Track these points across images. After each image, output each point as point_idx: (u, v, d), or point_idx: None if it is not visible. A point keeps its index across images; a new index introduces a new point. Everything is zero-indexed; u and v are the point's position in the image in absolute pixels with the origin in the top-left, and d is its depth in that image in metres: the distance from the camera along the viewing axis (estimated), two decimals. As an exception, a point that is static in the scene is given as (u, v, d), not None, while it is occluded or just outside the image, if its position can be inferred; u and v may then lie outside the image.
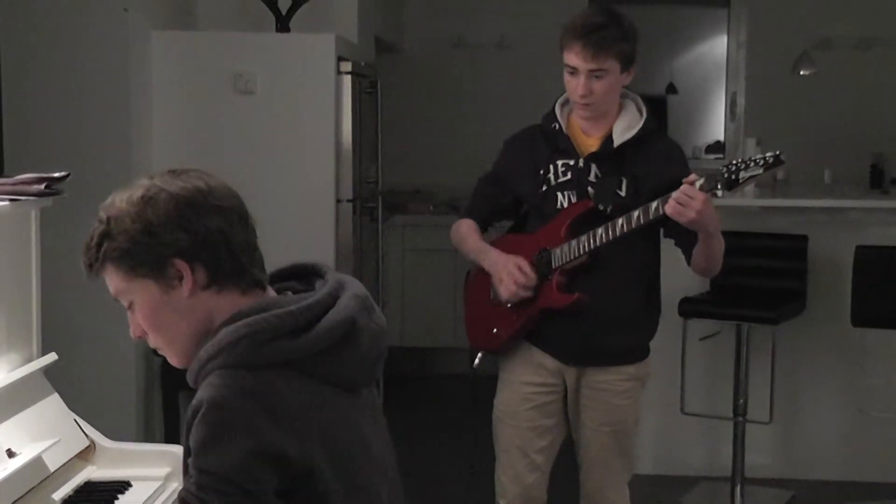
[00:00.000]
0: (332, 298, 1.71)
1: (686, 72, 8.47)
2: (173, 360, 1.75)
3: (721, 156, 7.38)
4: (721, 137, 7.61)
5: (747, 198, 4.73)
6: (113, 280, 1.70)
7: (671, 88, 8.49)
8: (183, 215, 1.66)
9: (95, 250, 1.68)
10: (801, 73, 6.81)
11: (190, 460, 1.60)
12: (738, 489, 4.54)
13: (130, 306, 1.71)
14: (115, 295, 1.72)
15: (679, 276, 3.11)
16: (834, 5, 6.90)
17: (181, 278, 1.67)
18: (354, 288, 1.75)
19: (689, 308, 4.43)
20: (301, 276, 1.82)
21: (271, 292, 1.75)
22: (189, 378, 1.69)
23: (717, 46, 7.77)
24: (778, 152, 2.67)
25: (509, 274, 2.89)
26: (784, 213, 4.76)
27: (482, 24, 6.98)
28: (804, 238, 4.61)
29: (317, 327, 1.66)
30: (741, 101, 7.18)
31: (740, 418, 4.52)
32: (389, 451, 1.84)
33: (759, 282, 4.56)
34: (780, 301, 4.45)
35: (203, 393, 1.61)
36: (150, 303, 1.69)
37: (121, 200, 1.68)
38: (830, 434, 4.81)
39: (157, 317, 1.70)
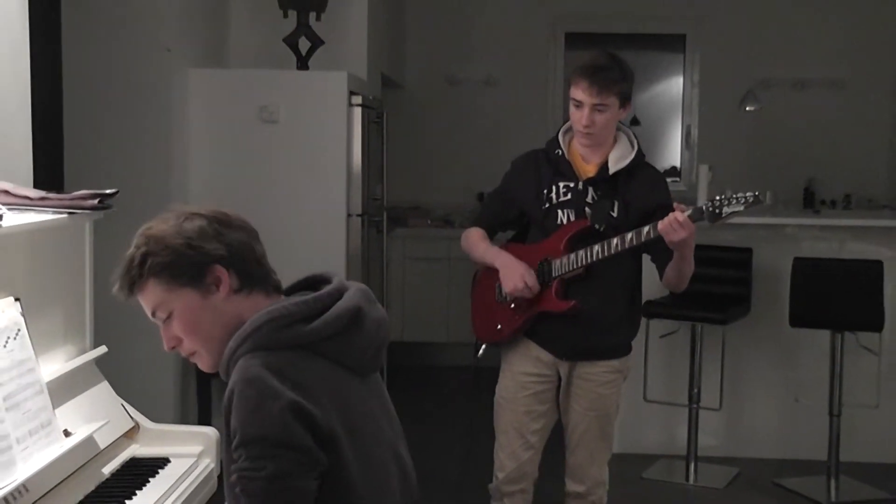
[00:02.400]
0: (339, 292, 1.72)
1: (647, 107, 8.46)
2: (205, 363, 1.73)
3: (677, 179, 7.36)
4: (677, 164, 7.59)
5: (700, 215, 4.71)
6: (153, 294, 1.69)
7: (635, 121, 8.46)
8: (216, 230, 1.68)
9: (139, 268, 1.67)
10: (747, 108, 6.82)
11: (234, 443, 1.57)
12: (691, 466, 4.53)
13: (168, 317, 1.70)
14: (153, 309, 1.70)
15: (643, 282, 3.09)
16: (773, 52, 6.92)
17: (218, 283, 1.67)
18: (358, 285, 1.77)
19: (651, 310, 4.42)
20: (311, 286, 1.80)
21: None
22: (221, 369, 1.68)
23: (674, 86, 7.76)
24: (757, 193, 2.65)
25: (520, 275, 2.87)
26: (732, 229, 4.72)
27: (472, 64, 6.98)
28: (749, 251, 4.61)
29: (327, 314, 1.67)
30: (695, 132, 7.19)
31: (694, 405, 4.51)
32: (398, 433, 1.82)
33: (711, 288, 4.56)
34: (729, 305, 4.44)
35: (233, 378, 1.60)
36: (190, 308, 1.68)
37: (158, 225, 1.69)
38: (770, 419, 4.81)
39: (196, 321, 1.69)
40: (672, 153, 7.85)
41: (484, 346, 3.08)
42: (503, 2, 6.96)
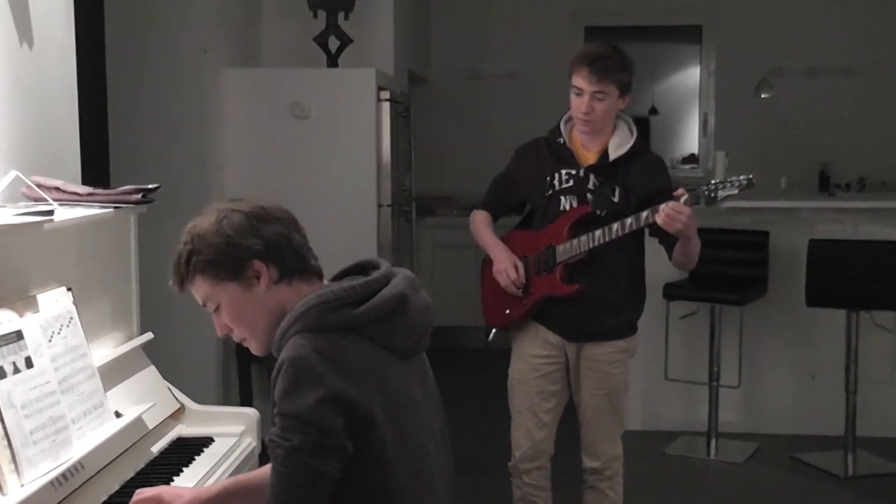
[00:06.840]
0: (387, 279, 1.73)
1: (665, 96, 8.44)
2: (255, 348, 1.77)
3: (695, 165, 7.34)
4: (695, 150, 7.57)
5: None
6: (201, 289, 1.73)
7: (653, 110, 8.46)
8: (253, 226, 1.70)
9: (185, 266, 1.71)
10: (762, 96, 6.77)
11: (274, 410, 1.61)
12: (712, 442, 4.53)
13: (217, 309, 1.73)
14: (203, 302, 1.74)
15: (663, 266, 3.09)
16: (786, 41, 6.86)
17: (259, 276, 1.70)
18: (404, 272, 1.78)
19: (671, 292, 4.42)
20: (361, 271, 1.82)
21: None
22: (273, 348, 1.71)
23: (691, 75, 7.73)
24: (750, 176, 2.66)
25: (507, 269, 2.92)
26: (749, 212, 4.73)
27: (495, 60, 6.98)
28: (766, 233, 4.59)
29: (374, 299, 1.68)
30: (711, 120, 7.14)
31: (714, 383, 4.50)
32: (438, 412, 1.83)
33: (729, 270, 4.55)
34: (746, 286, 4.43)
35: (284, 354, 1.63)
36: (234, 301, 1.71)
37: (200, 223, 1.72)
38: (788, 396, 4.79)
39: (241, 311, 1.72)
40: (690, 141, 7.82)
41: (494, 330, 3.09)
42: (524, -2, 6.95)
